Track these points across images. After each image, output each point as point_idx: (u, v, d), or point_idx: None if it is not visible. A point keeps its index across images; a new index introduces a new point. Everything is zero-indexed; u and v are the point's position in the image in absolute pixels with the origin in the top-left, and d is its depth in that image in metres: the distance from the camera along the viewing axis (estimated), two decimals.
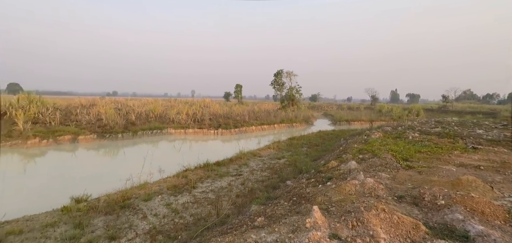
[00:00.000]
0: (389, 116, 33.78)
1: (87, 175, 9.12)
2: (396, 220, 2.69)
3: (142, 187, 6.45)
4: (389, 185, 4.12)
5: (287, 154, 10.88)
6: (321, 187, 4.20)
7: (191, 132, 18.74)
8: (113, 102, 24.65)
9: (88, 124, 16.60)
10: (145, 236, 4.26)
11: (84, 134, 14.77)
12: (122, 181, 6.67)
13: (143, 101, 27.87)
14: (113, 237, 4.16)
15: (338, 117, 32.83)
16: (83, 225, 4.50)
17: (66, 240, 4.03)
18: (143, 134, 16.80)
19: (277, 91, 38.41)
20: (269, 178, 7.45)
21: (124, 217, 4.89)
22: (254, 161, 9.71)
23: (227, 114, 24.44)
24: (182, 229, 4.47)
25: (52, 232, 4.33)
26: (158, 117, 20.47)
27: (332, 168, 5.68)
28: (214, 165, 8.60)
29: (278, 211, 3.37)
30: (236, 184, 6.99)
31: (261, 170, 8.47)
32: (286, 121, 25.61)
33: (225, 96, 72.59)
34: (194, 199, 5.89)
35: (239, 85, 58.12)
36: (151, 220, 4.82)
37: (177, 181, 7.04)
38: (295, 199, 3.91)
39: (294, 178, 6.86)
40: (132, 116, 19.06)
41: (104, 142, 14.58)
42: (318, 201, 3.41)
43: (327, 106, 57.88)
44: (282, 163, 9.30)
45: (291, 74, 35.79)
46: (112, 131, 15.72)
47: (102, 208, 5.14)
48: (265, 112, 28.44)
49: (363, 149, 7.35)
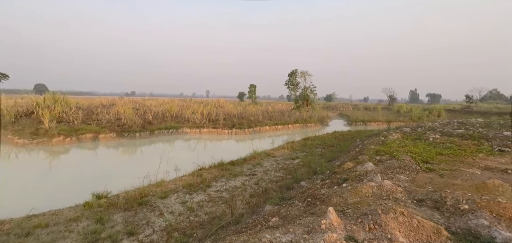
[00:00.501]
0: (408, 117, 32.62)
1: (107, 172, 9.50)
2: (416, 224, 2.59)
3: (159, 185, 6.62)
4: (408, 188, 3.98)
5: (301, 155, 10.78)
6: (336, 189, 4.13)
7: (205, 131, 19.02)
8: (132, 102, 25.48)
9: (108, 122, 17.26)
10: (161, 233, 4.37)
11: (104, 132, 15.39)
12: (140, 178, 6.89)
13: (159, 101, 28.61)
14: (132, 233, 4.31)
15: (354, 117, 32.11)
16: (103, 221, 4.69)
17: (88, 234, 4.22)
18: (160, 133, 17.25)
19: (291, 91, 38.17)
20: (283, 179, 7.42)
21: (142, 214, 5.05)
22: (268, 161, 9.70)
23: (241, 114, 24.58)
24: (197, 227, 4.55)
25: (75, 226, 4.55)
26: (174, 117, 20.94)
27: (347, 169, 5.57)
28: (228, 165, 8.68)
29: (293, 212, 3.35)
30: (250, 184, 7.01)
31: (275, 170, 8.45)
32: (300, 121, 25.38)
33: (239, 96, 73.07)
34: (209, 197, 5.97)
35: (253, 85, 58.30)
36: (168, 218, 4.94)
37: (192, 179, 7.17)
38: (309, 200, 3.87)
39: (309, 179, 6.78)
40: (149, 116, 19.62)
41: (123, 140, 15.12)
42: (334, 202, 3.35)
43: (343, 107, 56.73)
44: (296, 164, 9.23)
45: (305, 74, 35.44)
46: (130, 130, 16.28)
47: (121, 205, 5.33)
48: (279, 113, 28.34)
49: (380, 150, 7.15)
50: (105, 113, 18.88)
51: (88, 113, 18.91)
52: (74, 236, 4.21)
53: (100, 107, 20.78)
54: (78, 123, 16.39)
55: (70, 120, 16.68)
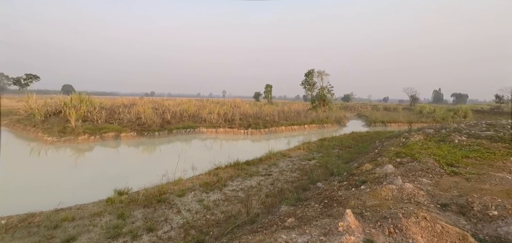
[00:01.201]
0: (431, 118, 31.16)
1: (128, 169, 9.88)
2: (440, 229, 2.47)
3: (177, 183, 6.79)
4: (431, 192, 3.80)
5: (317, 155, 10.62)
6: (354, 191, 4.03)
7: (222, 131, 19.25)
8: (151, 102, 26.32)
9: (129, 122, 17.95)
10: (179, 230, 4.48)
11: (125, 131, 16.02)
12: (159, 176, 7.11)
13: (177, 101, 29.36)
14: (151, 229, 4.46)
15: (373, 118, 31.15)
16: (124, 216, 4.89)
17: (111, 229, 4.42)
18: (177, 132, 17.69)
19: (307, 92, 37.73)
20: (299, 179, 7.35)
21: (161, 211, 5.21)
22: (284, 161, 9.64)
23: (257, 114, 24.63)
24: (214, 225, 4.62)
25: (99, 220, 4.77)
26: (191, 117, 21.38)
27: (366, 171, 5.41)
28: (244, 164, 8.73)
29: (309, 213, 3.31)
30: (266, 184, 7.01)
31: (290, 170, 8.39)
32: (316, 122, 25.02)
33: (255, 96, 73.32)
34: (225, 196, 6.04)
35: (269, 86, 58.24)
36: (185, 215, 5.06)
37: (208, 178, 7.29)
38: (326, 201, 3.81)
39: (325, 180, 6.67)
40: (167, 115, 20.17)
41: (142, 139, 15.66)
42: (351, 204, 3.28)
43: (361, 107, 55.18)
44: (312, 164, 9.11)
45: (322, 73, 34.89)
46: (149, 129, 16.83)
47: (141, 201, 5.53)
48: (295, 113, 28.09)
49: (401, 152, 6.89)
50: (126, 113, 19.65)
51: (110, 113, 19.76)
52: (97, 230, 4.42)
53: (122, 107, 21.66)
54: (101, 122, 17.17)
55: (94, 119, 17.52)
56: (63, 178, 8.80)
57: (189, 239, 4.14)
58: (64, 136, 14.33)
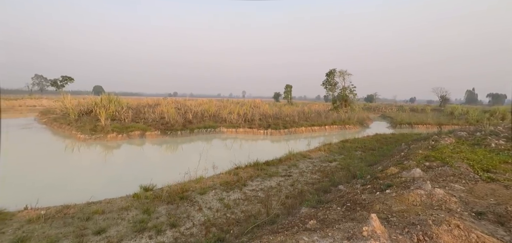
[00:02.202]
0: (464, 120, 29.09)
1: (152, 167, 10.30)
2: (475, 239, 2.30)
3: (198, 181, 6.97)
4: (465, 199, 3.55)
5: (339, 157, 10.35)
6: (378, 195, 3.87)
7: (241, 131, 19.41)
8: (174, 102, 27.22)
9: (153, 121, 18.69)
10: (201, 227, 4.59)
11: (150, 130, 16.71)
12: (181, 174, 7.33)
13: (199, 102, 30.08)
14: (174, 225, 4.61)
15: (399, 119, 29.73)
16: (149, 211, 5.10)
17: (137, 223, 4.63)
18: (199, 132, 18.12)
19: (328, 92, 36.92)
20: (319, 181, 7.22)
21: (183, 208, 5.37)
22: (304, 162, 9.52)
23: (277, 114, 24.53)
24: (234, 224, 4.68)
25: (126, 214, 5.02)
26: (212, 117, 21.80)
27: (391, 174, 5.18)
28: (264, 164, 8.74)
29: (331, 216, 3.23)
30: (285, 185, 6.97)
31: (311, 172, 8.26)
32: (338, 123, 24.40)
33: (274, 97, 73.12)
34: (245, 196, 6.09)
35: (289, 86, 57.79)
36: (206, 213, 5.17)
37: (228, 177, 7.39)
38: (349, 205, 3.70)
39: (347, 182, 6.48)
40: (189, 115, 20.73)
41: (166, 138, 16.24)
42: (376, 209, 3.15)
43: (386, 108, 52.88)
44: (333, 166, 8.89)
45: (344, 73, 33.94)
46: (172, 128, 17.41)
47: (165, 198, 5.74)
48: (315, 113, 27.61)
49: (429, 155, 6.50)
50: (151, 112, 20.49)
51: (136, 113, 20.71)
52: (125, 224, 4.65)
53: (147, 107, 22.62)
54: (128, 121, 18.06)
55: (122, 118, 18.46)
56: (94, 173, 9.38)
57: (210, 236, 4.22)
58: (95, 134, 15.25)
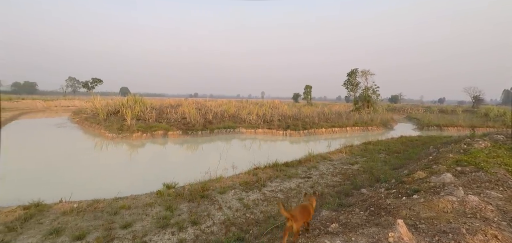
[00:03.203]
0: (501, 122, 26.85)
1: (174, 165, 10.63)
2: None
3: (218, 181, 7.08)
4: (503, 207, 3.28)
5: (361, 160, 10.01)
6: (405, 200, 3.69)
7: (260, 131, 19.45)
8: (195, 103, 27.93)
9: (175, 121, 19.30)
10: (221, 226, 4.66)
11: (172, 130, 17.28)
12: (202, 173, 7.50)
13: (218, 102, 30.61)
14: (195, 222, 4.72)
15: (426, 121, 28.16)
16: (172, 208, 5.27)
17: (160, 219, 4.81)
18: (219, 132, 18.43)
19: (350, 92, 35.96)
20: (340, 184, 7.03)
21: (204, 206, 5.48)
22: (324, 164, 9.32)
23: (296, 115, 24.28)
24: (253, 224, 4.69)
25: (150, 211, 5.23)
26: (231, 117, 22.06)
27: (418, 179, 4.91)
28: (283, 166, 8.68)
29: (354, 220, 3.14)
30: (305, 187, 6.87)
31: (331, 174, 8.07)
32: (360, 124, 23.62)
33: (294, 97, 72.47)
34: (264, 197, 6.09)
35: (308, 86, 57.01)
36: (226, 212, 5.23)
37: (248, 177, 7.43)
38: (372, 209, 3.56)
39: (370, 186, 6.25)
40: (209, 115, 21.15)
41: (187, 138, 16.69)
42: (402, 214, 3.00)
43: (412, 109, 50.32)
44: (355, 169, 8.62)
45: (367, 73, 32.87)
46: (193, 128, 17.86)
47: (186, 196, 5.90)
48: (336, 114, 26.95)
49: (461, 160, 6.09)
50: (173, 113, 21.18)
51: (159, 113, 21.51)
52: (149, 219, 4.85)
53: (169, 108, 23.41)
54: (152, 121, 18.80)
55: (146, 118, 19.27)
56: (121, 170, 9.87)
57: (230, 235, 4.27)
58: (122, 133, 16.06)
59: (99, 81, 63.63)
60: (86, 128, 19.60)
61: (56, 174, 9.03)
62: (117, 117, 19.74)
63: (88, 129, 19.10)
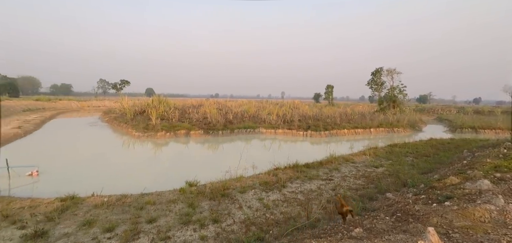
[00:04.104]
0: None
1: (196, 164, 10.90)
2: None
3: (238, 180, 7.14)
4: None
5: (386, 163, 9.59)
6: (435, 206, 3.46)
7: (280, 132, 19.34)
8: (216, 103, 28.47)
9: (197, 121, 19.79)
10: (241, 225, 4.70)
11: (194, 129, 17.74)
12: (222, 172, 7.62)
13: (239, 103, 30.94)
14: (216, 220, 4.81)
15: (459, 122, 26.25)
16: (194, 206, 5.41)
17: (183, 216, 4.96)
18: (239, 132, 18.60)
19: (374, 92, 34.60)
20: (363, 187, 6.79)
21: (224, 205, 5.56)
22: (346, 166, 9.05)
23: (317, 116, 23.84)
24: (273, 225, 4.68)
25: (173, 207, 5.41)
26: (251, 117, 22.18)
27: (451, 185, 4.59)
28: (303, 167, 8.56)
29: (379, 225, 3.00)
30: (326, 189, 6.71)
31: (354, 177, 7.81)
32: (385, 125, 22.63)
33: (314, 97, 71.16)
34: (284, 197, 6.04)
35: (330, 86, 55.64)
36: (246, 211, 5.27)
37: (268, 178, 7.42)
38: (399, 215, 3.39)
39: (396, 191, 5.96)
40: (230, 116, 21.43)
41: (208, 137, 17.04)
42: (433, 222, 2.82)
43: (442, 109, 47.23)
44: (380, 172, 8.27)
45: (393, 72, 31.42)
46: (214, 128, 18.19)
47: (207, 194, 6.02)
48: (359, 115, 26.06)
49: (501, 165, 5.60)
50: (195, 113, 21.74)
51: (182, 113, 22.18)
52: (172, 215, 5.02)
53: (191, 108, 24.07)
54: (175, 121, 19.44)
55: (170, 118, 19.97)
56: (146, 167, 10.31)
57: (250, 235, 4.29)
58: (147, 132, 16.78)
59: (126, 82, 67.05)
60: (115, 127, 20.74)
61: (89, 169, 9.65)
62: (143, 117, 20.68)
63: (117, 128, 20.19)
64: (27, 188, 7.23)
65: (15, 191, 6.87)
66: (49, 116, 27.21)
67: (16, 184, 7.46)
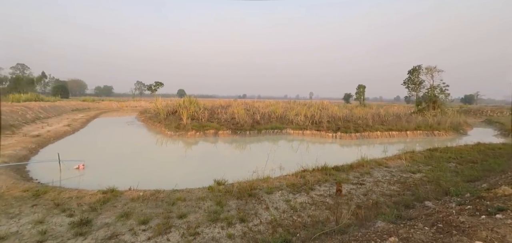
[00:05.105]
0: None
1: (224, 163, 11.14)
2: None
3: (265, 181, 7.14)
4: None
5: (425, 168, 8.88)
6: (484, 219, 3.10)
7: (308, 133, 18.96)
8: (243, 104, 28.85)
9: (225, 121, 20.22)
10: (267, 226, 4.69)
11: (222, 129, 18.15)
12: (249, 172, 7.67)
13: (266, 103, 30.99)
14: (243, 220, 4.85)
15: None
16: (222, 204, 5.53)
17: (211, 213, 5.09)
18: (266, 132, 18.62)
19: (411, 92, 32.33)
20: (399, 193, 6.35)
21: (251, 204, 5.59)
22: (379, 171, 8.56)
23: (347, 117, 22.94)
24: (300, 228, 4.59)
25: (202, 204, 5.58)
26: (279, 118, 22.06)
27: (503, 195, 4.09)
28: (332, 169, 8.28)
29: (417, 236, 2.78)
30: (357, 193, 6.41)
31: (388, 182, 7.36)
32: (423, 128, 21.01)
33: (345, 98, 68.69)
34: (312, 200, 5.90)
35: (361, 86, 53.29)
36: (273, 212, 5.24)
37: (295, 179, 7.31)
38: (440, 226, 3.10)
39: (437, 199, 5.48)
40: (257, 116, 21.55)
41: (236, 137, 17.32)
42: (482, 236, 2.53)
43: (493, 110, 42.43)
44: (417, 178, 7.68)
45: (433, 70, 29.04)
46: (242, 128, 18.44)
47: (235, 193, 6.11)
48: (393, 116, 24.53)
49: None
50: (223, 113, 22.24)
51: (211, 113, 22.84)
52: (201, 212, 5.17)
53: (220, 108, 24.68)
54: (204, 121, 20.08)
55: (199, 118, 20.68)
56: (177, 165, 10.80)
57: (277, 236, 4.25)
58: (178, 131, 17.58)
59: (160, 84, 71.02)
60: (149, 126, 22.05)
61: (126, 164, 10.38)
62: (175, 116, 21.69)
63: (151, 127, 21.44)
64: (75, 180, 8.00)
65: (64, 182, 7.64)
66: (93, 115, 29.86)
67: (66, 176, 8.30)
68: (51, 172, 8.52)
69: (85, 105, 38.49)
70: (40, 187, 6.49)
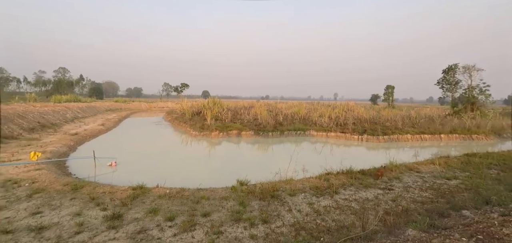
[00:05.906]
0: None
1: (246, 163, 11.23)
2: None
3: (288, 182, 7.07)
4: None
5: (461, 175, 8.22)
6: None
7: (332, 135, 18.46)
8: (266, 105, 28.85)
9: (248, 122, 20.37)
10: (290, 228, 4.64)
11: (245, 130, 18.31)
12: (272, 173, 7.64)
13: (289, 104, 30.70)
14: (266, 221, 4.85)
15: None
16: (244, 204, 5.57)
17: (234, 213, 5.15)
18: (289, 134, 18.46)
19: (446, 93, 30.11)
20: (431, 201, 5.95)
21: (274, 206, 5.57)
22: (410, 176, 8.08)
23: (374, 119, 21.98)
24: (324, 232, 4.47)
25: (225, 204, 5.67)
26: (302, 119, 21.75)
27: None
28: (358, 173, 7.97)
29: None
30: (385, 199, 6.11)
31: (419, 188, 6.92)
32: (460, 131, 19.47)
33: (372, 99, 65.90)
34: (336, 204, 5.73)
35: (390, 87, 50.80)
36: (295, 215, 5.17)
37: (318, 182, 7.15)
38: (480, 237, 2.85)
39: (476, 208, 5.04)
40: (280, 117, 21.43)
41: (258, 138, 17.37)
42: None
43: None
44: (452, 185, 7.13)
45: (471, 68, 26.79)
46: (264, 129, 18.45)
47: (257, 194, 6.13)
48: (426, 119, 23.04)
49: None
50: (246, 114, 22.43)
51: (234, 114, 23.15)
52: (224, 211, 5.26)
53: (243, 109, 24.92)
54: (227, 121, 20.41)
55: (223, 119, 21.07)
56: (201, 164, 11.09)
57: (300, 239, 4.19)
58: (203, 131, 18.05)
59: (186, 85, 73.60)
60: (175, 126, 22.92)
61: (154, 162, 10.88)
62: (199, 117, 22.32)
63: (177, 127, 22.27)
64: (108, 176, 8.56)
65: (99, 178, 8.21)
66: (124, 116, 31.73)
67: (100, 172, 8.92)
68: (87, 168, 9.20)
69: (117, 106, 41.04)
70: (78, 182, 7.03)
